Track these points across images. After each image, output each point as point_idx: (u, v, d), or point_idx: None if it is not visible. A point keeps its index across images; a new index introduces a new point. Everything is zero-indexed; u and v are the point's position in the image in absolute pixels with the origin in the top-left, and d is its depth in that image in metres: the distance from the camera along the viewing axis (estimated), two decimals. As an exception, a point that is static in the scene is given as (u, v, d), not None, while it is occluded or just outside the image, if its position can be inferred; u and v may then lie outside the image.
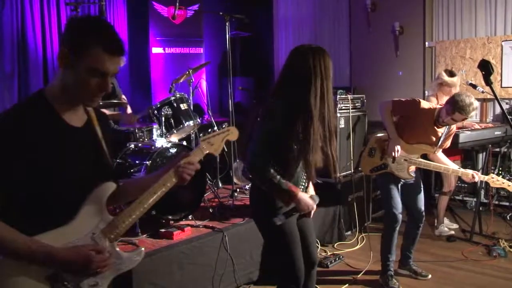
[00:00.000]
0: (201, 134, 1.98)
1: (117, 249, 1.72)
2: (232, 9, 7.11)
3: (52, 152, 1.56)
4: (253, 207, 2.72)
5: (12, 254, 1.48)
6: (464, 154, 5.16)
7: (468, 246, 4.57)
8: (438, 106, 3.63)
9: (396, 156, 3.54)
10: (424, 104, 3.62)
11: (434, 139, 3.63)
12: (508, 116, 2.75)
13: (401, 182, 3.73)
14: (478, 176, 3.59)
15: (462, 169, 3.67)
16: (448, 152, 4.70)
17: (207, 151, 1.93)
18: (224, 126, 2.04)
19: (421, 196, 3.79)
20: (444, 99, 4.80)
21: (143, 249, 1.81)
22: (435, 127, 3.59)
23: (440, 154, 3.74)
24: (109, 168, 1.82)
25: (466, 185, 5.73)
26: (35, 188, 1.54)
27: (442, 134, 3.62)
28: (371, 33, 6.89)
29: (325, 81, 2.45)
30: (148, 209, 1.75)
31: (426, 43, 6.42)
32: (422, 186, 3.82)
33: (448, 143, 3.75)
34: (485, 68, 2.21)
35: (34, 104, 1.59)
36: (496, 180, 3.57)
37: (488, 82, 2.22)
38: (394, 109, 3.66)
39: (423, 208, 3.80)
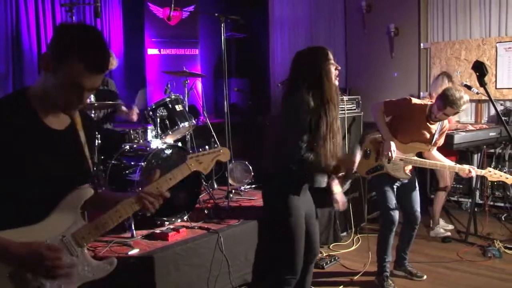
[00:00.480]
0: (191, 152, 1.96)
1: (87, 255, 1.69)
2: (228, 10, 7.11)
3: (26, 153, 1.54)
4: (270, 203, 2.92)
5: None
6: (459, 155, 5.17)
7: (463, 247, 4.58)
8: (429, 103, 3.65)
9: (392, 156, 3.54)
10: (416, 101, 3.67)
11: (428, 136, 3.64)
12: (502, 118, 2.77)
13: (397, 184, 3.73)
14: (475, 171, 3.61)
15: (458, 165, 3.69)
16: (442, 153, 4.73)
17: (195, 169, 1.91)
18: (216, 145, 2.02)
19: (417, 198, 3.79)
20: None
21: (115, 259, 1.76)
22: (428, 124, 3.61)
23: (435, 152, 3.76)
24: (88, 173, 1.79)
25: (461, 186, 5.75)
26: (5, 186, 1.52)
27: (435, 131, 3.63)
28: (366, 34, 6.91)
29: (318, 79, 2.69)
30: (123, 219, 1.74)
31: (421, 44, 6.45)
32: (417, 187, 3.82)
33: (441, 141, 3.77)
34: (479, 69, 2.22)
35: (14, 103, 1.58)
36: (493, 174, 3.57)
37: (482, 83, 2.23)
38: (386, 110, 3.70)
39: (419, 209, 3.80)
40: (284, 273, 2.83)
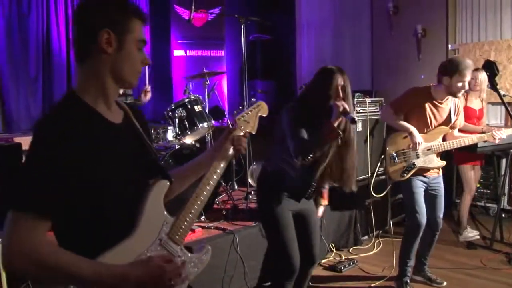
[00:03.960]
0: (235, 111, 1.87)
1: (185, 251, 1.60)
2: (254, 12, 7.12)
3: (105, 155, 1.41)
4: (256, 194, 3.04)
5: (77, 281, 1.33)
6: (486, 159, 5.02)
7: (488, 254, 4.44)
8: (432, 84, 3.60)
9: (418, 148, 3.49)
10: (418, 87, 3.66)
11: (444, 116, 3.59)
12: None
13: (425, 186, 3.64)
14: (501, 133, 3.70)
15: (484, 134, 3.73)
16: (468, 157, 4.61)
17: (246, 130, 1.81)
18: (253, 100, 1.97)
19: (441, 204, 3.68)
20: (472, 94, 4.71)
21: (209, 247, 1.70)
22: (438, 104, 3.56)
23: (457, 134, 3.71)
24: (157, 163, 1.65)
25: (488, 191, 5.58)
26: (91, 198, 1.38)
27: (450, 109, 3.58)
28: (393, 36, 6.80)
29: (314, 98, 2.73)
30: (205, 201, 1.64)
31: (449, 45, 6.29)
32: (443, 194, 3.72)
33: (461, 120, 3.70)
34: (490, 69, 2.14)
35: (73, 108, 1.41)
36: None
37: (493, 84, 2.15)
38: (396, 109, 3.66)
39: (441, 216, 3.70)
40: (279, 276, 2.84)
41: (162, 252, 1.51)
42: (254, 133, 1.86)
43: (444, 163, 3.64)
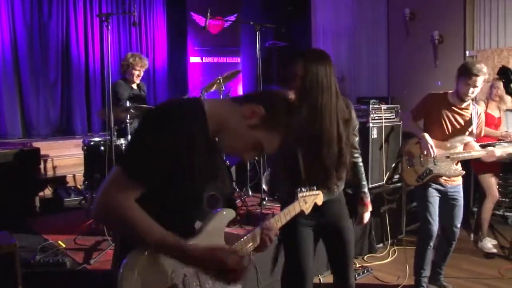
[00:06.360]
0: (300, 190, 2.00)
1: None
2: (270, 19, 7.15)
3: (200, 164, 1.52)
4: None
5: (143, 240, 1.44)
6: (503, 168, 4.94)
7: (506, 264, 4.36)
8: (451, 91, 3.55)
9: (433, 154, 3.45)
10: (435, 93, 3.62)
11: (463, 123, 3.52)
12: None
13: (440, 196, 3.59)
14: None
15: (507, 149, 3.64)
16: (487, 165, 4.54)
17: (302, 209, 1.94)
18: (314, 187, 2.05)
19: (459, 213, 3.61)
20: (493, 104, 4.65)
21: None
22: (458, 109, 3.51)
23: (476, 146, 3.64)
24: (231, 194, 1.81)
25: (507, 200, 5.48)
26: (174, 192, 1.51)
27: (470, 116, 3.51)
28: (410, 42, 6.77)
29: None
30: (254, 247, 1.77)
31: (467, 52, 6.23)
32: (462, 202, 3.63)
33: (482, 130, 3.62)
34: (505, 75, 2.10)
35: (198, 113, 1.53)
36: None
37: (509, 90, 2.12)
38: (414, 115, 3.65)
39: (459, 225, 3.63)
40: None
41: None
42: (306, 214, 2.00)
43: (463, 172, 3.57)
